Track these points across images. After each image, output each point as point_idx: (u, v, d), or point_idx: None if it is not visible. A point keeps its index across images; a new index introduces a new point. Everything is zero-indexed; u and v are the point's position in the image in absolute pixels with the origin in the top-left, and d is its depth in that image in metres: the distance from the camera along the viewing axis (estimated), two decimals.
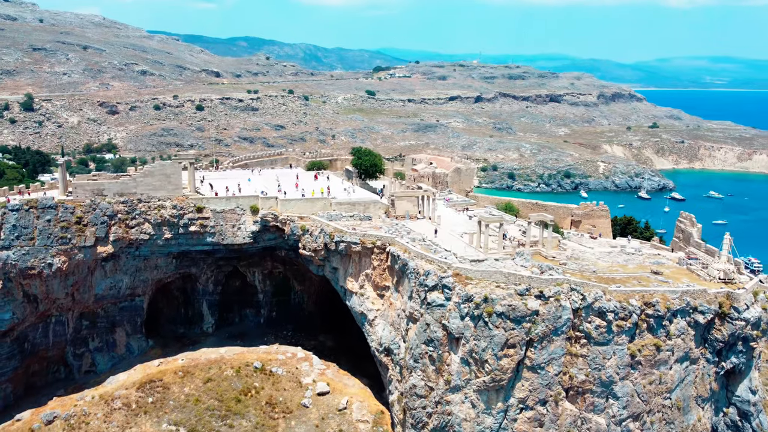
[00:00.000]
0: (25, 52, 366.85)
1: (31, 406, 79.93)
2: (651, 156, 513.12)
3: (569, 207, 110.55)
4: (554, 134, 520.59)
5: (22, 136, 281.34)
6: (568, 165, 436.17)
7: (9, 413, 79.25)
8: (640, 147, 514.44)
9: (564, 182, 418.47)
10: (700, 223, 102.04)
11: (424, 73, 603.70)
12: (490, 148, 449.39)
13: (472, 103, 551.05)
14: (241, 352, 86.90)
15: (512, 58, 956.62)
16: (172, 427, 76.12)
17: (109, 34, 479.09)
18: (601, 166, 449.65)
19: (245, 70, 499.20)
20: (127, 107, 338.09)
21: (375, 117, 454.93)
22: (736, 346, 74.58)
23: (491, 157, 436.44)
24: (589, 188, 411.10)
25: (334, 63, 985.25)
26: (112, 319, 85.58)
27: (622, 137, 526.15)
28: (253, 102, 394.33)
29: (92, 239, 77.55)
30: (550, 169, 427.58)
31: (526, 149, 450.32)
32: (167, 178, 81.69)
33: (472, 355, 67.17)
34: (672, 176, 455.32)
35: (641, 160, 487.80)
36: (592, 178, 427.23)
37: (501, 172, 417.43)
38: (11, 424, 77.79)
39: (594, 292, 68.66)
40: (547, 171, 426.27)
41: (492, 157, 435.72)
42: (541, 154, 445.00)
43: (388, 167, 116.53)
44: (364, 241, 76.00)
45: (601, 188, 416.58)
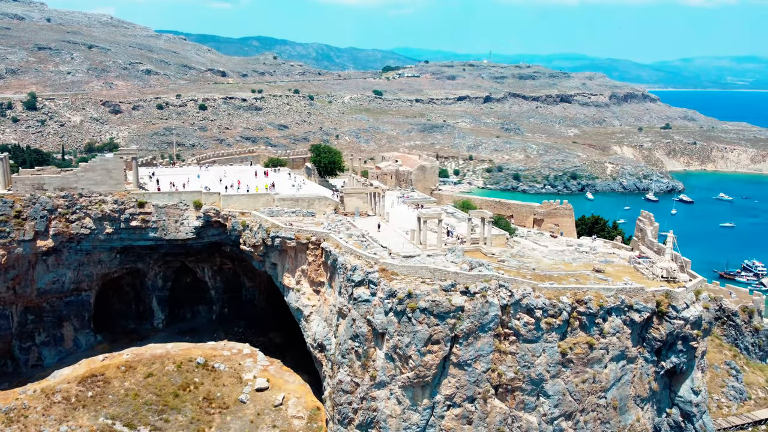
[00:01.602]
0: (31, 52, 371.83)
1: None
2: (662, 157, 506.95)
3: (531, 205, 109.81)
4: (563, 135, 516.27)
5: (24, 135, 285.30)
6: (574, 166, 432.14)
7: None
8: (651, 148, 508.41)
9: (570, 183, 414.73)
10: (708, 224, 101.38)
11: (434, 72, 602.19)
12: (496, 148, 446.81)
13: (480, 104, 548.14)
14: (188, 348, 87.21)
15: (526, 58, 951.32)
16: (108, 421, 76.57)
17: (116, 33, 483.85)
18: (608, 167, 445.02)
19: (252, 69, 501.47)
20: (130, 106, 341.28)
21: (381, 117, 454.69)
22: (675, 345, 73.60)
23: (497, 157, 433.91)
24: (595, 190, 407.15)
25: (347, 63, 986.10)
26: (59, 313, 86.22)
27: (632, 138, 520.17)
28: (257, 102, 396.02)
29: (31, 233, 78.31)
30: (556, 171, 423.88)
31: (533, 150, 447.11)
32: (108, 173, 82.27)
33: (395, 351, 66.85)
34: (683, 178, 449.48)
35: (651, 162, 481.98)
36: (599, 180, 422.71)
37: (506, 173, 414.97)
38: None
39: (522, 289, 68.07)
40: (553, 172, 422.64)
41: (497, 158, 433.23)
42: (547, 155, 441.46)
43: (354, 166, 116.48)
44: (299, 236, 75.99)
45: (608, 190, 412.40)
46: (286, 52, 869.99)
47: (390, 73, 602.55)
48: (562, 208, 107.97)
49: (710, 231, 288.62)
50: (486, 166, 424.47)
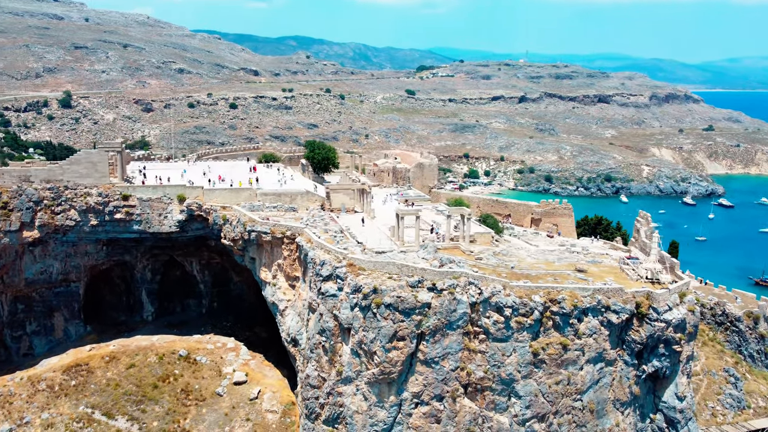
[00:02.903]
0: (67, 51, 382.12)
1: None
2: (702, 160, 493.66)
3: (529, 205, 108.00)
4: (600, 136, 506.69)
5: (59, 132, 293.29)
6: (609, 168, 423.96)
7: None
8: (691, 150, 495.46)
9: (604, 186, 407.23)
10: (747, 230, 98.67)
11: (468, 72, 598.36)
12: (529, 149, 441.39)
13: (515, 104, 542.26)
14: (173, 341, 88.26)
15: (565, 58, 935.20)
16: (88, 409, 77.90)
17: (152, 33, 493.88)
18: (645, 169, 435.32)
19: (285, 68, 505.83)
20: (161, 105, 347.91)
21: (412, 117, 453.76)
22: (657, 348, 71.39)
23: (529, 158, 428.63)
24: (630, 193, 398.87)
25: (384, 62, 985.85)
26: (49, 303, 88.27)
27: (672, 140, 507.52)
28: (287, 100, 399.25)
29: (17, 224, 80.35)
30: (590, 172, 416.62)
31: (566, 151, 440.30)
32: (94, 165, 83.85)
33: (361, 347, 66.36)
34: (724, 182, 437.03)
35: (691, 165, 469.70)
36: (634, 182, 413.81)
37: (538, 175, 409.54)
38: None
39: (492, 287, 66.87)
40: (586, 174, 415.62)
41: (530, 159, 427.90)
42: (581, 157, 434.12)
43: (355, 163, 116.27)
44: (275, 231, 76.15)
45: (643, 193, 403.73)
46: (323, 52, 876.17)
47: (424, 72, 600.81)
48: (561, 207, 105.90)
49: (749, 236, 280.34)
50: (517, 167, 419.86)
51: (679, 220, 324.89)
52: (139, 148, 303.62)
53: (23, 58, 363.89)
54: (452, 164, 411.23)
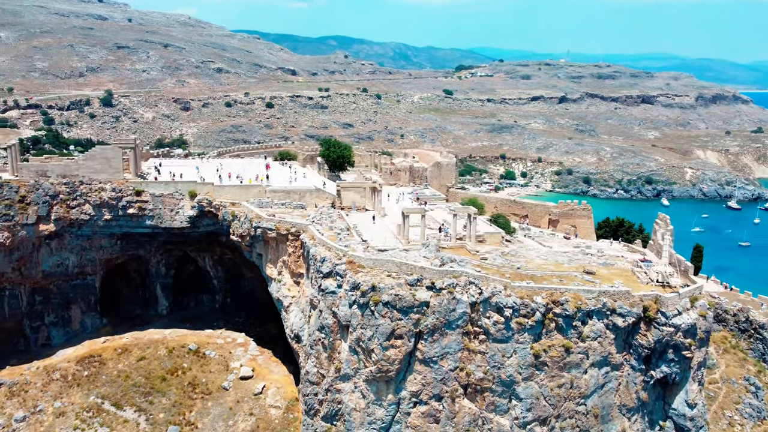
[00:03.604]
0: (110, 50, 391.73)
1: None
2: (750, 163, 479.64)
3: (546, 205, 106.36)
4: (642, 138, 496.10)
5: (100, 130, 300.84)
6: (650, 170, 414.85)
7: None
8: (738, 153, 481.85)
9: (644, 188, 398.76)
10: None
11: (507, 72, 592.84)
12: (567, 150, 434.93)
13: (555, 104, 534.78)
14: (184, 334, 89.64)
15: (608, 57, 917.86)
16: (98, 399, 79.66)
17: (192, 33, 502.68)
18: (688, 172, 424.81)
19: (322, 68, 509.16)
20: (199, 104, 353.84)
21: (449, 117, 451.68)
22: (666, 354, 69.46)
23: (567, 160, 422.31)
24: (672, 196, 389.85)
25: (424, 62, 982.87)
26: (66, 296, 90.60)
27: (718, 142, 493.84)
28: (323, 100, 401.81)
29: (34, 217, 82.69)
30: (630, 175, 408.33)
31: (606, 153, 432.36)
32: (108, 161, 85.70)
33: (359, 344, 66.28)
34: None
35: (738, 168, 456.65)
36: (677, 185, 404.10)
37: (576, 176, 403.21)
38: None
39: (492, 287, 66.04)
40: (626, 176, 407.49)
41: (568, 161, 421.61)
42: (621, 158, 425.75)
43: (375, 162, 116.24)
44: (279, 227, 76.61)
45: (686, 196, 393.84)
46: (363, 52, 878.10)
47: (462, 72, 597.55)
48: (579, 208, 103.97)
49: None
50: (555, 169, 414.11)
51: (722, 224, 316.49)
52: (176, 146, 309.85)
53: (68, 57, 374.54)
54: (488, 165, 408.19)
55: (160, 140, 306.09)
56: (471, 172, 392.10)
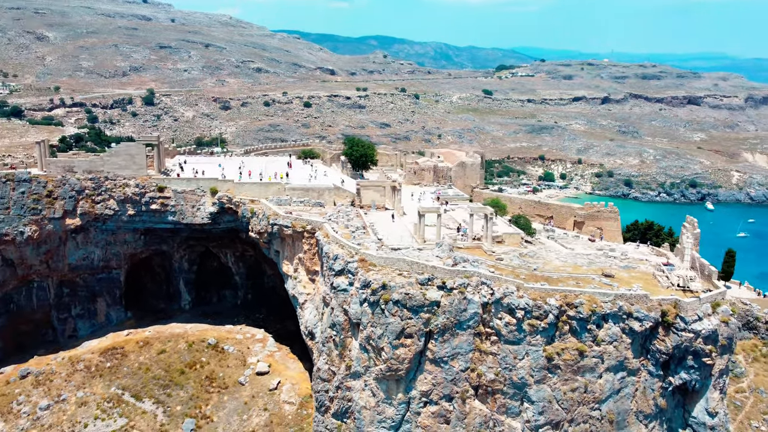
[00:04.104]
0: (153, 50, 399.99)
1: (16, 362, 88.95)
2: None
3: (572, 207, 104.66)
4: (688, 140, 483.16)
5: (141, 128, 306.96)
6: (695, 173, 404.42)
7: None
8: None
9: (688, 192, 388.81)
10: None
11: (549, 72, 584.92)
12: (609, 152, 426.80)
13: (597, 105, 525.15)
14: (205, 329, 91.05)
15: (655, 57, 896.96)
16: (119, 390, 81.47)
17: (233, 33, 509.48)
18: (735, 175, 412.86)
19: (361, 68, 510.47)
20: (239, 103, 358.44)
21: (488, 117, 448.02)
22: (685, 360, 67.71)
23: (608, 162, 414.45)
24: (717, 200, 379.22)
25: (465, 62, 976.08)
26: (92, 289, 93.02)
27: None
28: (361, 99, 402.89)
29: (61, 211, 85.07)
30: (674, 177, 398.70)
31: (649, 155, 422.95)
32: (132, 158, 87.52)
33: (369, 342, 66.27)
34: None
35: None
36: (722, 189, 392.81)
37: (617, 179, 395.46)
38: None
39: (504, 288, 65.30)
40: (669, 179, 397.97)
41: (609, 162, 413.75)
42: (665, 161, 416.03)
43: (400, 161, 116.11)
44: (295, 224, 77.11)
45: (732, 200, 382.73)
46: (403, 51, 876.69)
47: (503, 72, 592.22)
48: (606, 211, 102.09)
49: None
50: (596, 171, 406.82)
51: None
52: (215, 144, 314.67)
53: (112, 57, 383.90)
54: (527, 166, 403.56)
55: (200, 139, 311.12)
56: (509, 173, 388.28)
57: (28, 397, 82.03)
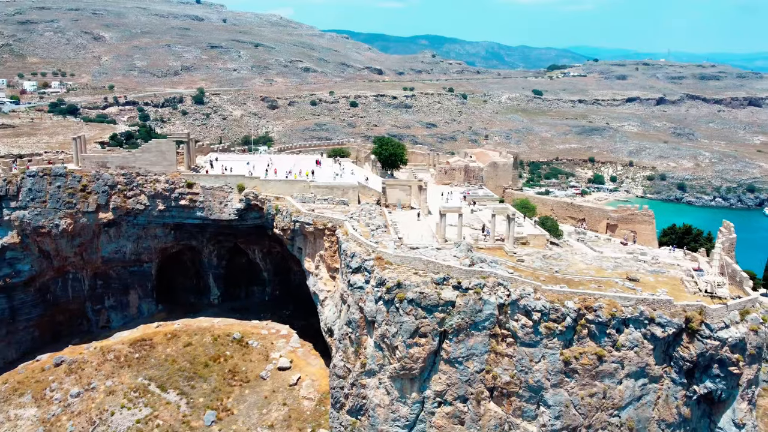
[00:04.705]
0: (204, 50, 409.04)
1: (51, 350, 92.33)
2: None
3: (605, 209, 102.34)
4: (747, 143, 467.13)
5: (191, 127, 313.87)
6: (753, 178, 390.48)
7: (33, 354, 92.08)
8: None
9: (746, 197, 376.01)
10: None
11: (602, 72, 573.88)
12: (662, 155, 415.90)
13: (652, 106, 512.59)
14: (231, 324, 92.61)
15: (715, 57, 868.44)
16: (145, 381, 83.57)
17: (282, 33, 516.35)
18: None
19: (409, 67, 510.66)
20: (286, 102, 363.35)
21: (537, 118, 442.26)
22: (711, 368, 65.47)
23: (661, 165, 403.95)
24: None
25: (517, 62, 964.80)
26: (125, 281, 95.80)
27: None
28: (407, 99, 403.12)
29: (94, 205, 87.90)
30: (730, 182, 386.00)
31: (705, 158, 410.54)
32: (163, 154, 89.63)
33: (383, 340, 66.24)
34: None
35: None
36: None
37: (669, 182, 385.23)
38: (32, 363, 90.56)
39: (521, 289, 64.39)
40: (725, 183, 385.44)
41: (661, 165, 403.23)
42: (721, 164, 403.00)
43: (431, 161, 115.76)
44: (317, 222, 77.67)
45: None
46: (454, 51, 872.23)
47: (554, 72, 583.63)
48: (640, 214, 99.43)
49: None
50: (647, 174, 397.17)
51: None
52: (262, 143, 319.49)
53: (164, 57, 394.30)
54: (576, 168, 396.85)
55: (247, 137, 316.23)
56: (557, 175, 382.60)
57: (60, 385, 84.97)
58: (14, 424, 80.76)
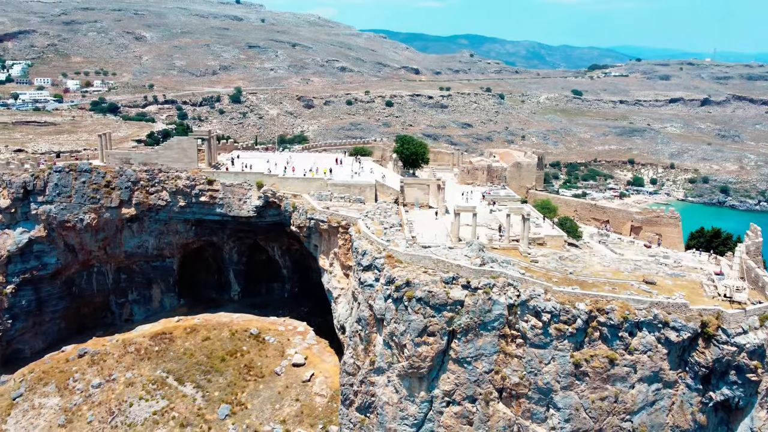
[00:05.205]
0: (242, 50, 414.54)
1: (76, 342, 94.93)
2: None
3: (629, 211, 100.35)
4: None
5: (228, 125, 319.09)
6: None
7: (60, 345, 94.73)
8: None
9: None
10: None
11: (644, 71, 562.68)
12: (705, 157, 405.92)
13: (696, 107, 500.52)
14: (249, 320, 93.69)
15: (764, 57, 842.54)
16: (164, 374, 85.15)
17: (320, 32, 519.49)
18: None
19: (446, 67, 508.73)
20: (321, 101, 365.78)
21: (576, 118, 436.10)
22: (728, 375, 63.82)
23: (703, 167, 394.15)
24: None
25: (558, 61, 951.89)
26: (148, 276, 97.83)
27: None
28: (443, 99, 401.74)
29: (117, 201, 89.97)
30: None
31: (750, 160, 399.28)
32: (184, 151, 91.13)
33: (392, 338, 66.23)
34: None
35: None
36: None
37: (712, 185, 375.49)
38: (57, 353, 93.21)
39: (531, 290, 63.69)
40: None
41: (704, 168, 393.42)
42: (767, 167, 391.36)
43: (455, 161, 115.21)
44: (331, 220, 78.05)
45: None
46: (494, 50, 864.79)
47: (595, 72, 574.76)
48: (665, 216, 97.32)
49: None
50: (689, 176, 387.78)
51: None
52: (297, 142, 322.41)
53: (203, 56, 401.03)
54: (614, 170, 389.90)
55: (282, 136, 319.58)
56: (595, 176, 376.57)
57: (83, 375, 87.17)
58: (38, 412, 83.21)
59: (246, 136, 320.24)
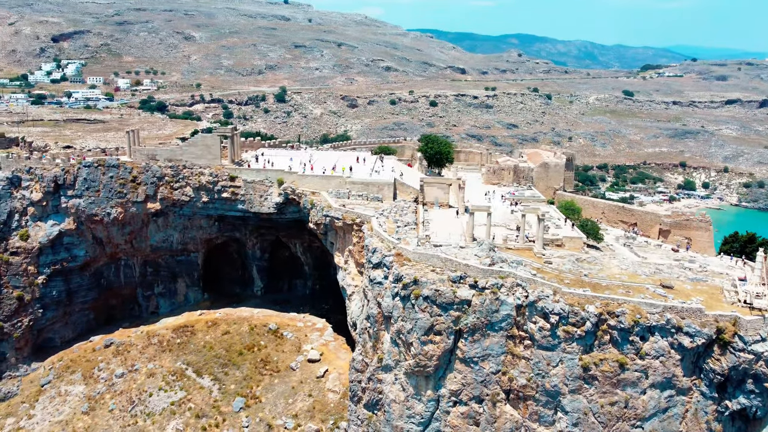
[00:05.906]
0: (288, 49, 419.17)
1: (103, 332, 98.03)
2: None
3: (657, 214, 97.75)
4: None
5: (272, 124, 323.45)
6: None
7: (88, 335, 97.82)
8: None
9: None
10: None
11: (700, 72, 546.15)
12: (761, 160, 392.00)
13: (754, 108, 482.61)
14: (269, 315, 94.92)
15: None
16: (183, 365, 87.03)
17: (366, 32, 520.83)
18: None
19: (493, 67, 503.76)
20: (365, 101, 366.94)
21: (626, 120, 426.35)
22: (744, 383, 61.72)
23: (759, 171, 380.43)
24: None
25: (611, 61, 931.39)
26: (173, 270, 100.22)
27: None
28: (489, 99, 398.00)
29: (143, 196, 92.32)
30: None
31: None
32: (208, 148, 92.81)
33: (399, 336, 66.23)
34: None
35: None
36: None
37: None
38: (86, 343, 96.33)
39: (539, 291, 62.78)
40: None
41: (760, 172, 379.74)
42: None
43: (483, 161, 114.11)
44: (345, 217, 78.41)
45: None
46: (544, 50, 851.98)
47: (648, 72, 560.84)
48: (695, 219, 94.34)
49: None
50: (744, 181, 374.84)
51: None
52: (340, 141, 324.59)
53: (250, 56, 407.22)
54: (665, 173, 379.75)
55: (325, 135, 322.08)
56: (644, 179, 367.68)
57: (107, 365, 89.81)
58: (63, 399, 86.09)
59: (290, 134, 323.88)
